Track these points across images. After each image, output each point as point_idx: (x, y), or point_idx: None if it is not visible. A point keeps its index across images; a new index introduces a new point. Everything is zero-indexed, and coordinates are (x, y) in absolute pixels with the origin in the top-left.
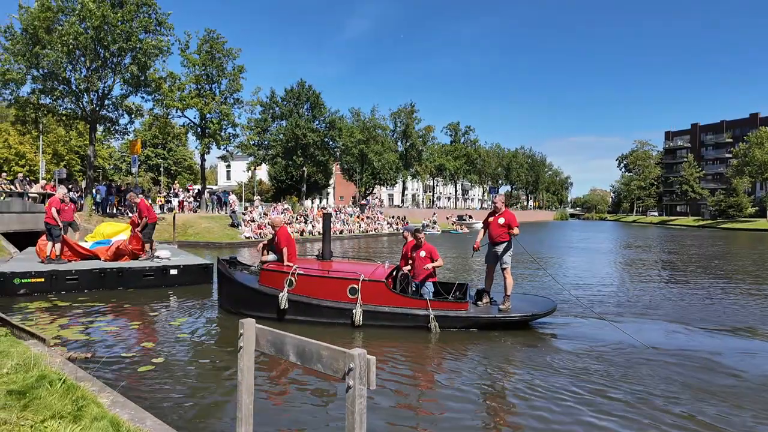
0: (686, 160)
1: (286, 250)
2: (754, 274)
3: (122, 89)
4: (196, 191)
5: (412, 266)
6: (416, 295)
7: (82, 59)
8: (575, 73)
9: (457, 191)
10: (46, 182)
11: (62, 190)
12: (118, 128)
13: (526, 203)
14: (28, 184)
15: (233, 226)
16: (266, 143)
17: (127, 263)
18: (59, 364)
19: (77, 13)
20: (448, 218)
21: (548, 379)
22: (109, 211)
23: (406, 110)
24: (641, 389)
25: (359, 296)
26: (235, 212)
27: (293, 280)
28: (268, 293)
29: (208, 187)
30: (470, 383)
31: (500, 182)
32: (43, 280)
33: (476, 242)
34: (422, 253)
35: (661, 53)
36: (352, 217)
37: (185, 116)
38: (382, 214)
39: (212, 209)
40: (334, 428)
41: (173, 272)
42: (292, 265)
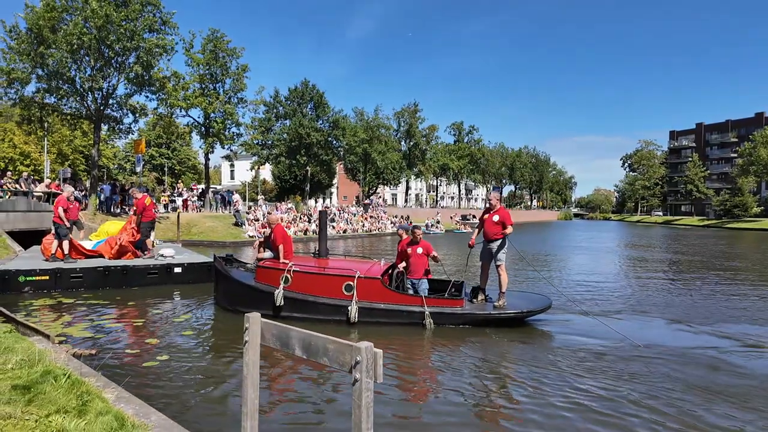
0: (691, 159)
1: (282, 247)
2: (758, 273)
3: (126, 88)
4: (200, 190)
5: (407, 263)
6: (412, 292)
7: (86, 58)
8: (579, 72)
9: (460, 191)
10: (50, 181)
11: (69, 189)
12: (122, 127)
13: (530, 203)
14: (32, 183)
15: (237, 225)
16: (270, 143)
17: (131, 261)
18: (64, 359)
19: (81, 12)
20: (451, 218)
21: (542, 376)
22: (113, 210)
23: (409, 110)
24: (634, 387)
25: (355, 293)
26: (239, 211)
27: (289, 277)
28: (263, 290)
29: (212, 186)
30: (464, 380)
31: (504, 182)
32: (47, 277)
33: (471, 239)
34: (419, 249)
35: (665, 52)
36: (355, 216)
37: (189, 116)
38: (385, 213)
39: (216, 208)
40: (340, 422)
41: (177, 270)
42: (288, 262)
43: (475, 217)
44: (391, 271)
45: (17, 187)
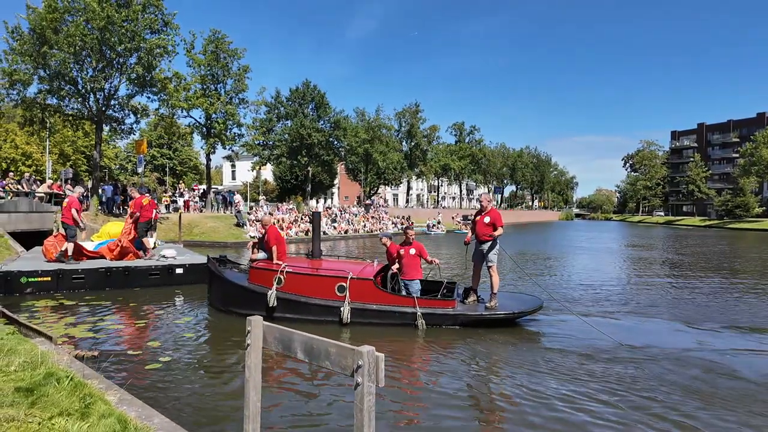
0: (693, 159)
1: (275, 248)
2: (759, 273)
3: (128, 89)
4: (201, 191)
5: (400, 264)
6: (404, 292)
7: (88, 59)
8: (581, 72)
9: (462, 191)
10: (52, 182)
11: (80, 189)
12: (124, 128)
13: (531, 203)
14: (34, 183)
15: (238, 225)
16: (271, 143)
17: (132, 262)
18: (66, 361)
19: (83, 14)
20: (453, 218)
21: (532, 376)
22: (115, 210)
23: (410, 110)
24: (623, 387)
25: (347, 294)
26: (240, 212)
27: (282, 278)
28: (257, 291)
29: (213, 186)
30: (454, 380)
31: (505, 182)
32: (49, 279)
33: (467, 236)
34: (411, 250)
35: (667, 52)
36: (356, 216)
37: (191, 116)
38: (386, 213)
39: (217, 209)
40: (342, 425)
41: (179, 271)
42: (281, 263)
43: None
44: (384, 272)
45: (19, 187)
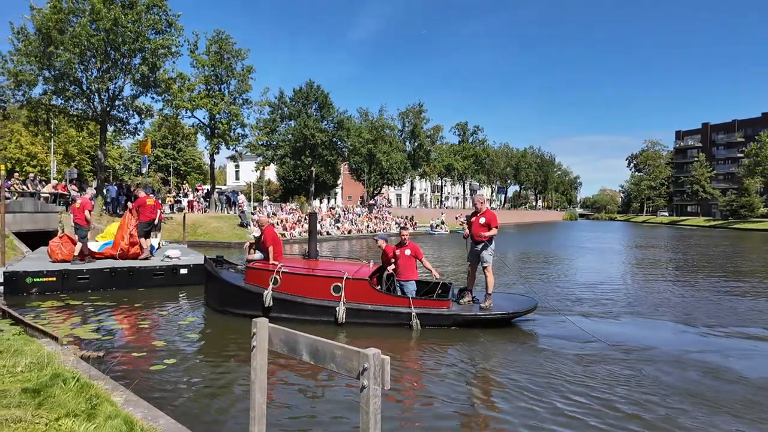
0: (697, 159)
1: (272, 248)
2: (761, 274)
3: (132, 90)
4: (205, 191)
5: (395, 265)
6: (399, 293)
7: (93, 60)
8: (585, 72)
9: (465, 191)
10: (57, 182)
11: (91, 191)
12: (128, 128)
13: (534, 203)
14: (39, 184)
15: (242, 226)
16: (275, 143)
17: (137, 263)
18: (72, 362)
19: (88, 15)
20: (456, 218)
21: (525, 377)
22: (119, 211)
23: (414, 110)
24: (613, 388)
25: (343, 294)
26: (244, 212)
27: (278, 278)
28: (253, 291)
29: (217, 187)
30: (450, 381)
31: (509, 182)
32: (54, 279)
33: (465, 232)
34: (407, 251)
35: (671, 52)
36: (360, 216)
37: (195, 116)
38: (390, 214)
39: (221, 209)
40: (348, 427)
41: (183, 271)
42: (277, 263)
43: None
44: (380, 273)
45: (24, 188)
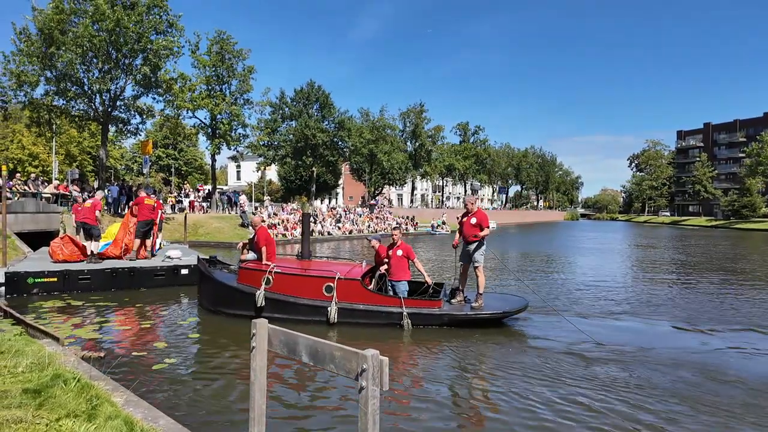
0: (699, 159)
1: (265, 249)
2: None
3: (134, 90)
4: (206, 191)
5: (388, 265)
6: (392, 293)
7: (94, 60)
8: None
9: (466, 191)
10: (59, 183)
11: (101, 193)
12: (129, 129)
13: (536, 203)
14: (41, 184)
15: (243, 226)
16: (276, 144)
17: (138, 263)
18: (73, 363)
19: (91, 15)
20: (457, 218)
21: (515, 377)
22: (120, 211)
23: (415, 110)
24: (605, 388)
25: (335, 294)
26: (245, 212)
27: (270, 278)
28: (245, 291)
29: (218, 187)
30: (438, 380)
31: (510, 182)
32: (56, 279)
33: (455, 240)
34: (399, 251)
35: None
36: (361, 217)
37: (196, 117)
38: (391, 214)
39: (222, 209)
40: (347, 428)
41: (184, 272)
42: (270, 263)
43: None
44: (372, 273)
45: (26, 188)
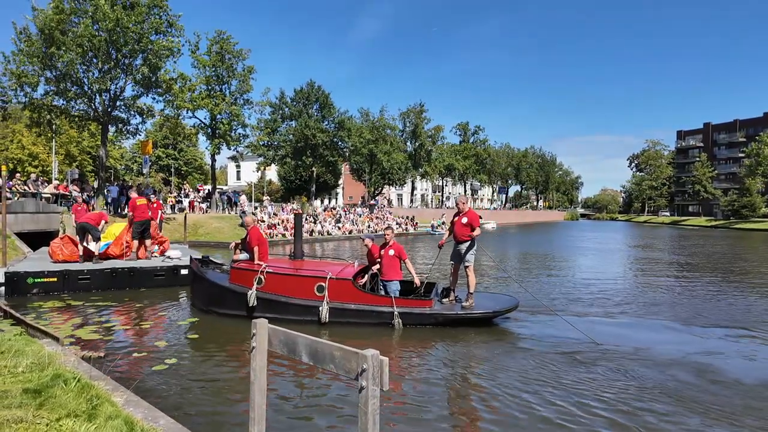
0: (699, 159)
1: (257, 249)
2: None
3: (134, 90)
4: (206, 191)
5: (380, 265)
6: (383, 293)
7: (94, 60)
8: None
9: (466, 191)
10: (58, 183)
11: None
12: (129, 129)
13: (536, 203)
14: (41, 184)
15: (243, 226)
16: (276, 144)
17: (138, 263)
18: (73, 363)
19: (91, 15)
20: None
21: (504, 376)
22: (120, 211)
23: (415, 110)
24: (597, 388)
25: (326, 294)
26: (244, 212)
27: (262, 278)
28: (237, 291)
29: (218, 187)
30: (428, 379)
31: (510, 182)
32: (56, 279)
33: (441, 240)
34: (390, 251)
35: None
36: (361, 217)
37: (196, 117)
38: (391, 214)
39: (222, 209)
40: (347, 427)
41: (184, 272)
42: (262, 263)
43: (481, 217)
44: (365, 272)
45: (26, 188)
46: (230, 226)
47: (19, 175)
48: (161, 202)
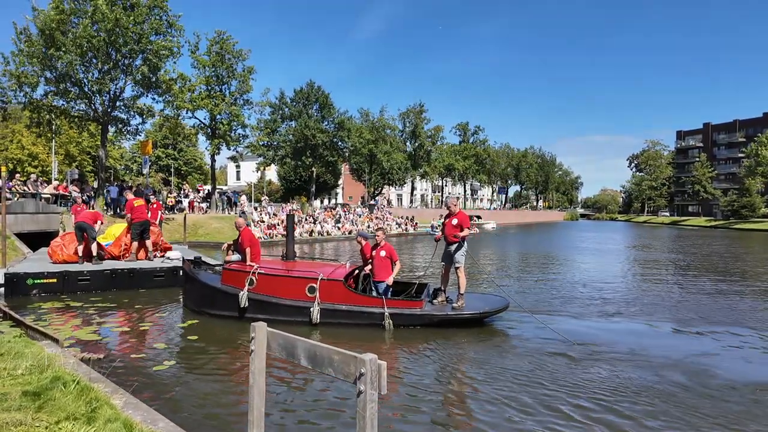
0: (698, 159)
1: (249, 250)
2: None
3: (133, 90)
4: (206, 192)
5: (371, 266)
6: (374, 293)
7: (94, 61)
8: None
9: (466, 191)
10: (58, 183)
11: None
12: (129, 129)
13: (535, 203)
14: (41, 184)
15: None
16: (276, 144)
17: (137, 264)
18: (73, 365)
19: (90, 15)
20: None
21: (495, 376)
22: (120, 211)
23: (415, 110)
24: (583, 387)
25: (317, 295)
26: (244, 212)
27: (254, 279)
28: (228, 292)
29: (218, 187)
30: (418, 381)
31: (510, 182)
32: (55, 280)
33: (437, 234)
34: (382, 252)
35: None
36: (360, 217)
37: (195, 117)
38: (390, 214)
39: (222, 209)
40: (345, 431)
41: None
42: (254, 264)
43: (480, 217)
44: (358, 272)
45: (26, 188)
46: (230, 226)
47: (18, 175)
48: (161, 202)
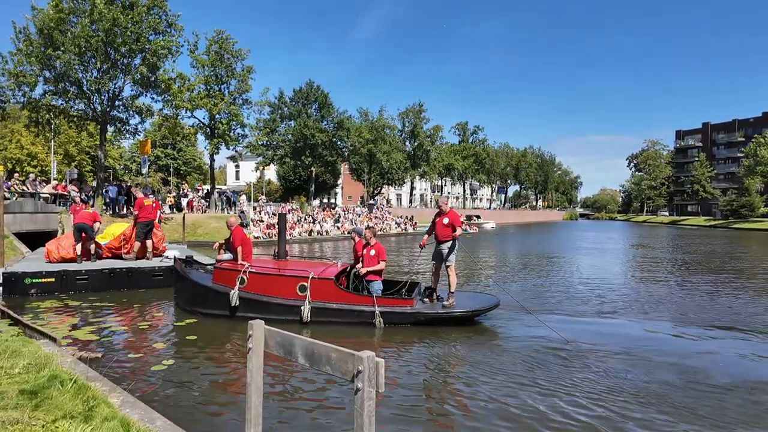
0: (697, 159)
1: (240, 249)
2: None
3: (132, 90)
4: (205, 191)
5: (362, 264)
6: (365, 292)
7: (92, 60)
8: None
9: (465, 191)
10: (57, 183)
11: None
12: (128, 128)
13: (535, 203)
14: (39, 184)
15: (242, 226)
16: (275, 143)
17: (136, 263)
18: (70, 363)
19: (88, 15)
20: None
21: (487, 374)
22: (119, 211)
23: (414, 110)
24: (577, 386)
25: (308, 293)
26: (243, 212)
27: (245, 278)
28: (219, 291)
29: (217, 187)
30: (409, 379)
31: (509, 182)
32: (53, 280)
33: (422, 240)
34: (372, 252)
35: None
36: (360, 216)
37: (195, 117)
38: (390, 213)
39: (221, 209)
40: (342, 429)
41: None
42: (245, 263)
43: (480, 217)
44: (350, 270)
45: (24, 188)
46: None
47: (17, 174)
48: (160, 202)
